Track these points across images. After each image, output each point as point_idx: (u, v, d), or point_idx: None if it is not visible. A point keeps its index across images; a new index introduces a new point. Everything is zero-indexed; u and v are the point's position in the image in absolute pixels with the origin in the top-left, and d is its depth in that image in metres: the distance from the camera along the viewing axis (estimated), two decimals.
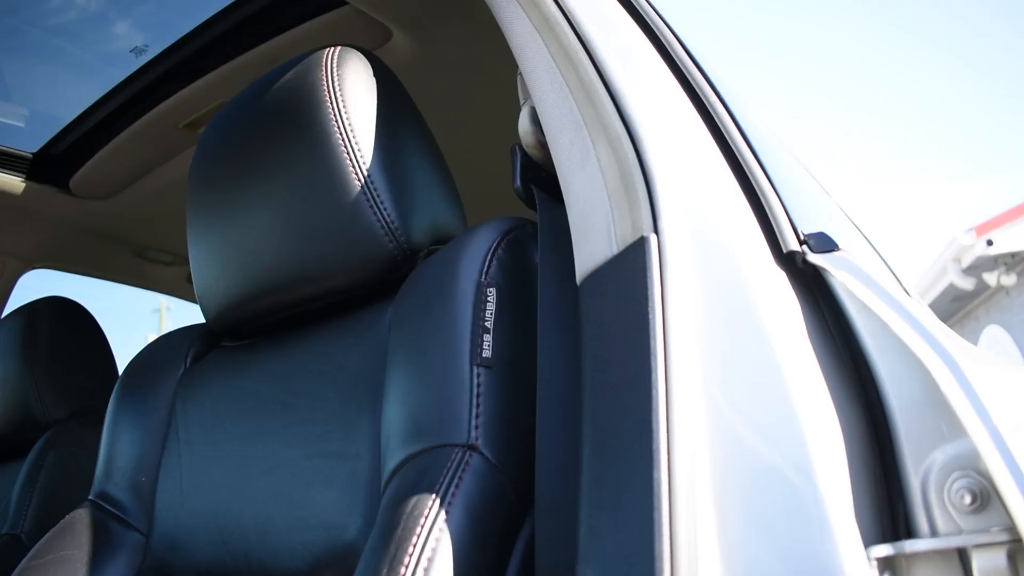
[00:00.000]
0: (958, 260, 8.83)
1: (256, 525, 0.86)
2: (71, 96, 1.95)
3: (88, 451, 1.59)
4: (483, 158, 1.72)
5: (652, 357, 0.53)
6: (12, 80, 2.09)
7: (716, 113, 0.74)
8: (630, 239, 0.60)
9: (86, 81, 1.99)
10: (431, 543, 0.60)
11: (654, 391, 0.52)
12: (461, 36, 1.41)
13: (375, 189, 0.87)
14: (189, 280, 2.54)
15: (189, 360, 1.09)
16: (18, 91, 2.06)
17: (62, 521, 1.04)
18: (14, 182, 1.96)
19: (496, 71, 1.49)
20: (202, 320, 1.12)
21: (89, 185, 2.01)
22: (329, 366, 0.89)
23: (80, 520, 1.03)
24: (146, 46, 1.62)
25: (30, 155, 2.00)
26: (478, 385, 0.69)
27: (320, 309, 0.96)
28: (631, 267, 0.58)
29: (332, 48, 0.95)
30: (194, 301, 2.63)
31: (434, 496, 0.63)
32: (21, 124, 2.05)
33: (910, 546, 0.51)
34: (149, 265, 2.49)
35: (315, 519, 0.81)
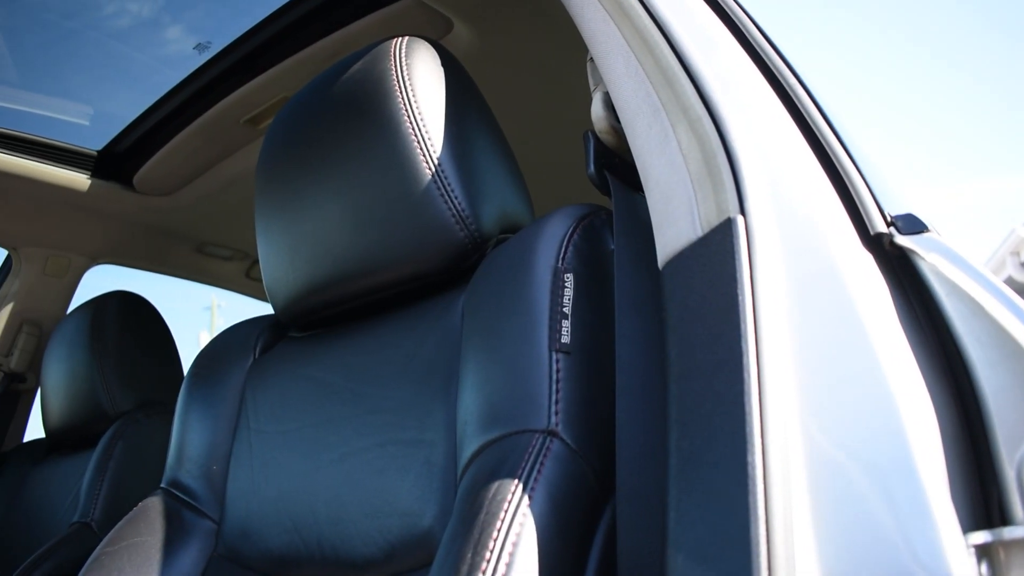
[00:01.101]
0: (1017, 253, 8.63)
1: (329, 513, 0.87)
2: (134, 94, 1.99)
3: (155, 442, 1.63)
4: (543, 149, 1.71)
5: (743, 339, 0.52)
6: (76, 80, 2.14)
7: (796, 94, 0.72)
8: (715, 221, 0.59)
9: (149, 79, 2.03)
10: (515, 528, 0.59)
11: (746, 373, 0.51)
12: (521, 26, 1.41)
13: (445, 178, 0.87)
14: (247, 275, 2.59)
15: (258, 351, 1.10)
16: (83, 90, 2.10)
17: (135, 508, 1.06)
18: (80, 179, 2.01)
19: (556, 61, 1.49)
20: (253, 315, 1.13)
21: (151, 181, 2.05)
22: (400, 355, 0.89)
23: (153, 507, 1.05)
24: (209, 42, 1.64)
25: (95, 153, 2.04)
26: (557, 371, 0.69)
27: (389, 299, 0.96)
28: (718, 249, 0.57)
29: (400, 38, 0.95)
30: (251, 295, 2.68)
31: (516, 481, 0.62)
32: (86, 123, 2.09)
33: (1009, 533, 0.50)
34: (208, 260, 2.53)
35: (389, 506, 0.81)
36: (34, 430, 2.38)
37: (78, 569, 1.42)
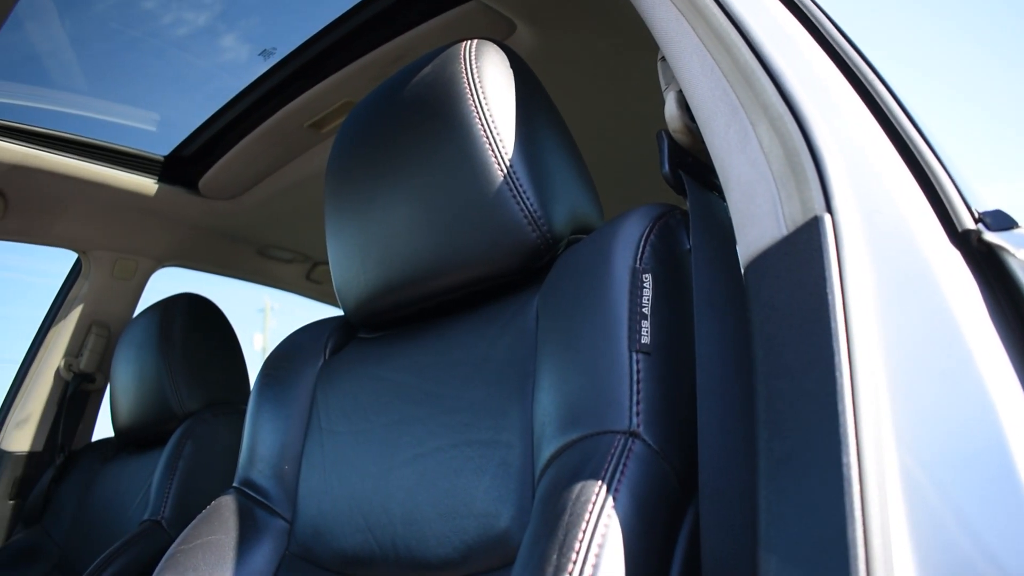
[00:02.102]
0: None
1: (403, 513, 0.87)
2: (200, 100, 2.03)
3: (222, 441, 1.66)
4: (607, 150, 1.71)
5: (834, 337, 0.51)
6: (144, 87, 2.19)
7: (875, 90, 0.71)
8: (800, 220, 0.58)
9: (214, 85, 2.07)
10: (600, 529, 0.59)
11: (838, 372, 0.50)
12: (583, 27, 1.40)
13: (517, 179, 0.87)
14: (307, 277, 2.62)
15: (328, 352, 1.12)
16: (150, 97, 2.15)
17: (209, 507, 1.07)
18: (147, 184, 2.05)
19: (619, 62, 1.49)
20: (304, 319, 1.14)
21: (216, 186, 2.08)
22: (474, 356, 0.89)
23: (226, 506, 1.06)
24: (274, 48, 1.67)
25: (162, 158, 2.09)
26: (638, 371, 0.68)
27: (459, 300, 0.97)
28: (804, 247, 0.56)
29: (469, 40, 0.95)
30: (311, 297, 2.71)
31: (600, 482, 0.62)
32: (153, 128, 2.14)
33: None
34: (270, 263, 2.57)
35: (465, 507, 0.81)
36: (101, 430, 2.43)
37: (149, 565, 1.45)
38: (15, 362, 2.35)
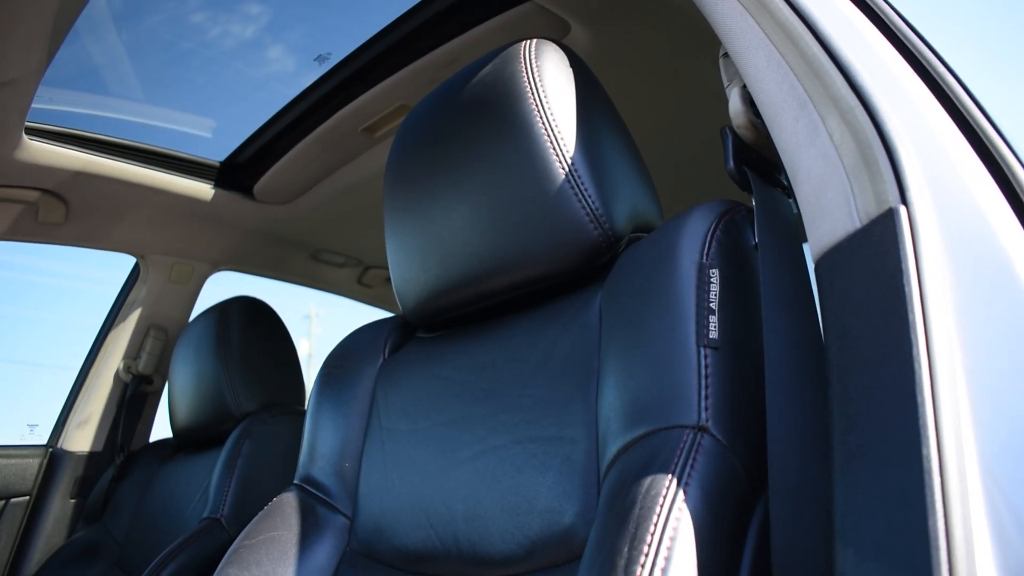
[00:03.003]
0: None
1: (465, 510, 0.88)
2: (255, 106, 2.06)
3: (279, 441, 1.68)
4: (662, 151, 1.70)
5: (911, 330, 0.51)
6: (200, 94, 2.23)
7: (945, 82, 0.70)
8: (875, 212, 0.57)
9: (269, 91, 2.10)
10: (672, 522, 0.59)
11: (916, 364, 0.50)
12: (638, 26, 1.40)
13: (579, 177, 0.87)
14: (359, 281, 2.65)
15: (387, 351, 1.13)
16: (206, 104, 2.19)
17: (271, 503, 1.09)
18: (203, 189, 2.09)
19: (675, 61, 1.48)
20: (350, 325, 1.14)
21: (271, 191, 2.12)
22: (536, 353, 0.89)
23: (288, 503, 1.08)
24: (329, 54, 1.69)
25: (218, 164, 2.13)
26: (706, 366, 0.68)
27: (519, 298, 0.97)
28: (880, 240, 0.56)
29: (528, 40, 0.96)
30: (363, 301, 2.74)
31: (670, 476, 0.62)
32: (209, 135, 2.18)
33: None
34: (322, 267, 2.61)
35: (528, 504, 0.81)
36: (157, 431, 2.48)
37: (209, 562, 1.48)
38: (69, 368, 2.41)
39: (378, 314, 3.02)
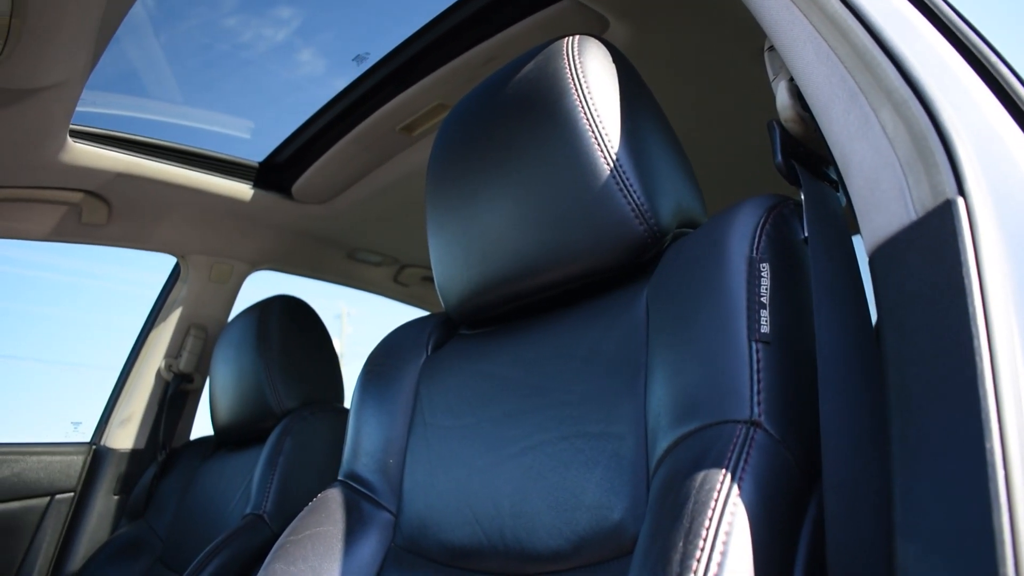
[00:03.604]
0: None
1: (511, 506, 0.88)
2: (292, 107, 2.08)
3: (320, 438, 1.70)
4: (701, 147, 1.70)
5: (972, 322, 0.50)
6: (238, 96, 2.26)
7: (999, 73, 0.69)
8: (931, 204, 0.57)
9: (306, 91, 2.12)
10: (727, 517, 0.59)
11: (977, 356, 0.49)
12: (677, 21, 1.40)
13: (623, 172, 0.87)
14: (395, 280, 2.66)
15: (430, 348, 1.13)
16: (244, 106, 2.22)
17: (316, 499, 1.10)
18: (243, 189, 2.12)
19: (714, 56, 1.47)
20: (381, 325, 1.15)
21: (309, 190, 2.13)
22: (582, 349, 0.89)
23: (333, 499, 1.09)
24: (367, 53, 1.70)
25: (256, 164, 2.15)
26: (758, 361, 0.68)
27: (563, 295, 0.97)
28: (937, 232, 0.55)
29: (571, 36, 0.96)
30: (398, 299, 2.75)
31: (723, 470, 0.62)
32: (247, 136, 2.20)
33: None
34: (359, 266, 2.62)
35: (576, 499, 0.81)
36: (198, 429, 2.51)
37: (253, 557, 1.49)
38: (108, 368, 2.45)
39: (411, 312, 3.03)
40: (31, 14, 1.19)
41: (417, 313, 2.88)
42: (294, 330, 1.94)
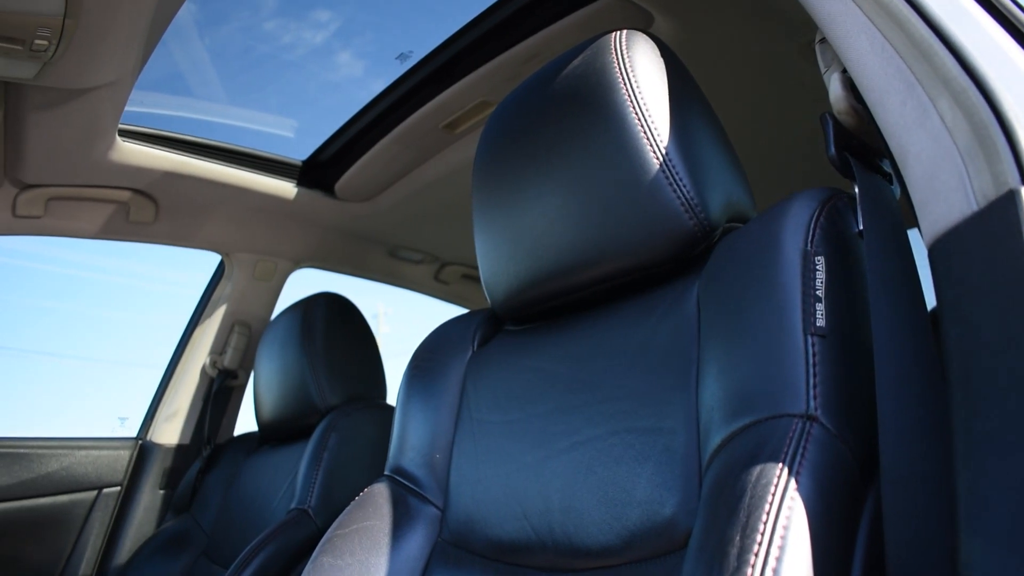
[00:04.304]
0: None
1: (561, 501, 0.88)
2: (336, 106, 2.10)
3: (364, 434, 1.71)
4: (747, 142, 1.68)
5: None
6: (281, 95, 2.28)
7: None
8: (993, 194, 0.56)
9: (349, 90, 2.14)
10: (784, 511, 0.58)
11: None
12: (723, 17, 1.38)
13: (673, 167, 0.87)
14: (436, 278, 2.67)
15: (476, 343, 1.13)
16: (287, 105, 2.24)
17: (363, 494, 1.11)
18: (286, 188, 2.14)
19: (761, 50, 1.46)
20: (417, 325, 1.15)
21: (352, 188, 2.15)
22: (632, 344, 0.89)
23: (379, 493, 1.09)
24: (410, 52, 1.71)
25: (300, 163, 2.17)
26: (814, 354, 0.67)
27: (610, 290, 0.97)
28: (1000, 222, 0.54)
29: (618, 31, 0.96)
30: (439, 297, 2.76)
31: (780, 464, 0.61)
32: (291, 135, 2.23)
33: None
34: (400, 264, 2.64)
35: (626, 495, 0.81)
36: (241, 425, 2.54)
37: (298, 551, 1.51)
38: (151, 365, 2.49)
39: (448, 311, 3.04)
40: (84, 15, 1.21)
41: (456, 311, 2.89)
42: (338, 327, 1.96)
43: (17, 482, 2.02)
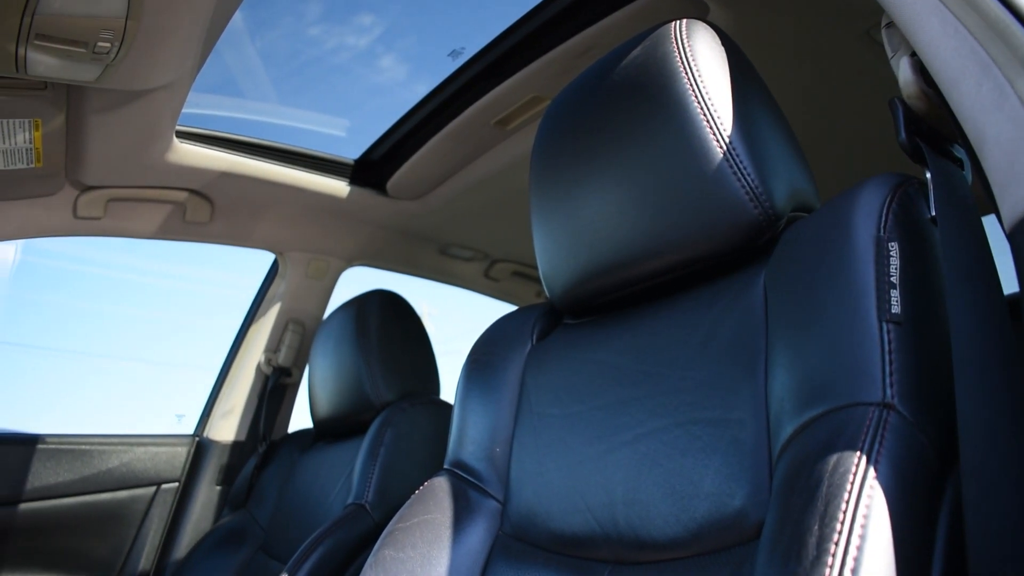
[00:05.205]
0: None
1: (625, 494, 0.87)
2: (386, 104, 2.12)
3: (420, 430, 1.72)
4: (799, 133, 1.66)
5: None
6: (333, 96, 2.30)
7: None
8: None
9: (400, 89, 2.15)
10: (864, 500, 0.57)
11: None
12: (779, 6, 1.36)
13: (737, 156, 0.86)
14: (486, 275, 2.68)
15: (535, 337, 1.13)
16: (339, 104, 2.27)
17: (423, 487, 1.11)
18: (339, 187, 2.15)
19: (819, 39, 1.44)
20: (461, 324, 1.15)
21: (403, 186, 2.16)
22: (697, 335, 0.88)
23: (440, 487, 1.10)
24: (462, 48, 1.71)
25: (352, 161, 2.19)
26: (889, 342, 0.65)
27: (672, 281, 0.96)
28: None
29: (678, 20, 0.95)
30: (489, 295, 2.77)
31: (858, 453, 0.60)
32: (343, 134, 2.25)
33: None
34: (451, 261, 2.65)
35: (693, 487, 0.80)
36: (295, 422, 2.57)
37: (356, 545, 1.52)
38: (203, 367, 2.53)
39: (495, 312, 3.04)
40: (145, 16, 1.23)
41: (505, 308, 2.89)
42: (392, 323, 1.97)
43: (79, 478, 2.06)
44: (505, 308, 2.98)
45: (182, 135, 1.87)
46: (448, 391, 2.06)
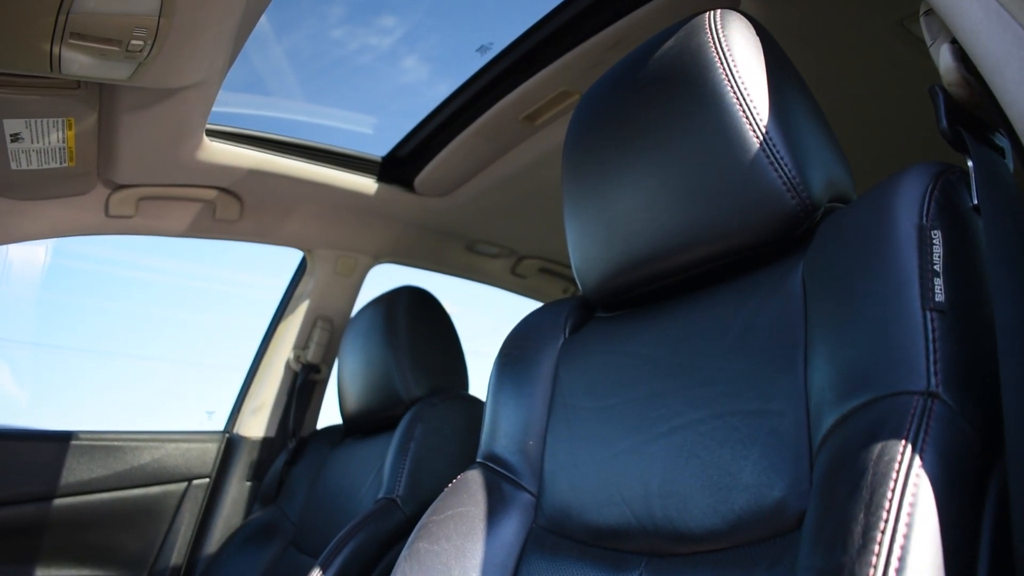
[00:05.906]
0: None
1: (661, 486, 0.87)
2: (413, 101, 2.12)
3: (450, 425, 1.72)
4: (841, 120, 1.64)
5: None
6: (359, 94, 2.31)
7: None
8: None
9: (427, 85, 2.15)
10: (910, 488, 0.56)
11: None
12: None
13: (774, 146, 0.85)
14: (512, 272, 2.67)
15: (568, 331, 1.13)
16: (365, 102, 2.27)
17: (456, 480, 1.11)
18: (367, 184, 2.16)
19: (851, 29, 1.43)
20: (484, 322, 1.14)
21: (431, 183, 2.16)
22: (734, 326, 0.87)
23: (473, 480, 1.10)
24: (490, 44, 1.71)
25: (379, 159, 2.19)
26: (933, 330, 0.65)
27: (708, 273, 0.95)
28: None
29: (712, 11, 0.94)
30: (516, 291, 2.77)
31: (903, 442, 0.59)
32: (370, 131, 2.25)
33: None
34: (477, 258, 2.65)
35: (731, 478, 0.80)
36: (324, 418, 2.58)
37: (388, 539, 1.52)
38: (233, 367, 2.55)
39: (519, 311, 3.04)
40: (177, 14, 1.24)
41: (530, 306, 2.89)
42: (421, 319, 1.97)
43: (112, 474, 2.09)
44: (530, 305, 2.98)
45: (212, 133, 1.88)
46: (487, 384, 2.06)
